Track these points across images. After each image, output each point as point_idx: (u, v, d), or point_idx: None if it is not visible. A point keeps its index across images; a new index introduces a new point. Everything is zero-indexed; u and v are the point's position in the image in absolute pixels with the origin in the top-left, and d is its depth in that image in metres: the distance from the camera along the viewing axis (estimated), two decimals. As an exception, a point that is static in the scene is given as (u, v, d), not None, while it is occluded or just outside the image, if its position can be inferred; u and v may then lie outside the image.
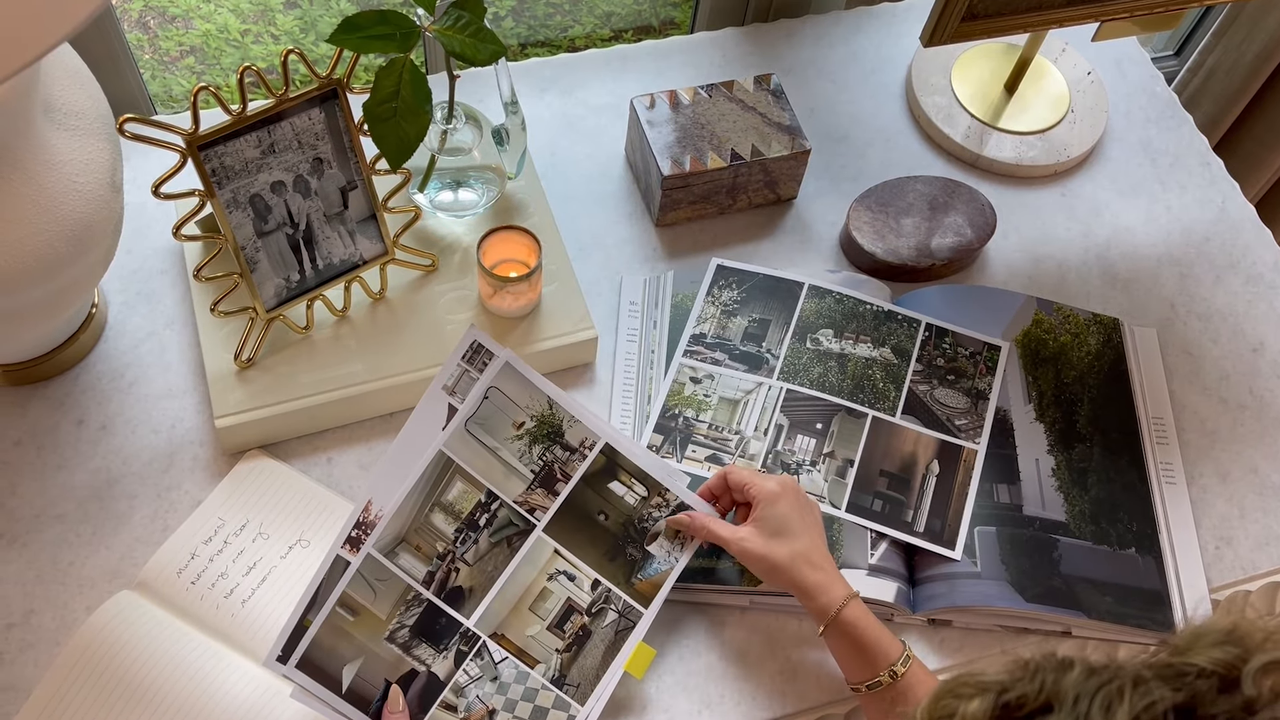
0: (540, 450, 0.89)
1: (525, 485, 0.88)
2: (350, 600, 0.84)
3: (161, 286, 1.03)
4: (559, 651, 0.86)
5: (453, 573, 0.86)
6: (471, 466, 0.87)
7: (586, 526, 0.89)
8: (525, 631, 0.86)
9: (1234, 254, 1.18)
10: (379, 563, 0.85)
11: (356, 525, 0.85)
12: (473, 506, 0.87)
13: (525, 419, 0.89)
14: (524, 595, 0.87)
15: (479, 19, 0.88)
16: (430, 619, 0.85)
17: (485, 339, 0.89)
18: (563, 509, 0.89)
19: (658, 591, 0.88)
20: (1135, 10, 1.10)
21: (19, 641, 0.87)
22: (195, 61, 1.62)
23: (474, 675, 0.85)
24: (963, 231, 1.12)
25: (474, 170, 1.03)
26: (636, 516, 0.90)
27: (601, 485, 0.90)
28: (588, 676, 0.86)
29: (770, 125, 1.10)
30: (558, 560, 0.88)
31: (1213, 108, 1.58)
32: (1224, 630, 0.48)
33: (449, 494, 0.87)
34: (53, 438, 0.95)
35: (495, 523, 0.87)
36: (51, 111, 0.81)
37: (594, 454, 0.90)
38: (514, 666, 0.85)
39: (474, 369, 0.88)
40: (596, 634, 0.87)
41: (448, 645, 0.85)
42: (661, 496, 0.90)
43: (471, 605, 0.86)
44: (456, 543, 0.86)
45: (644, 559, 0.89)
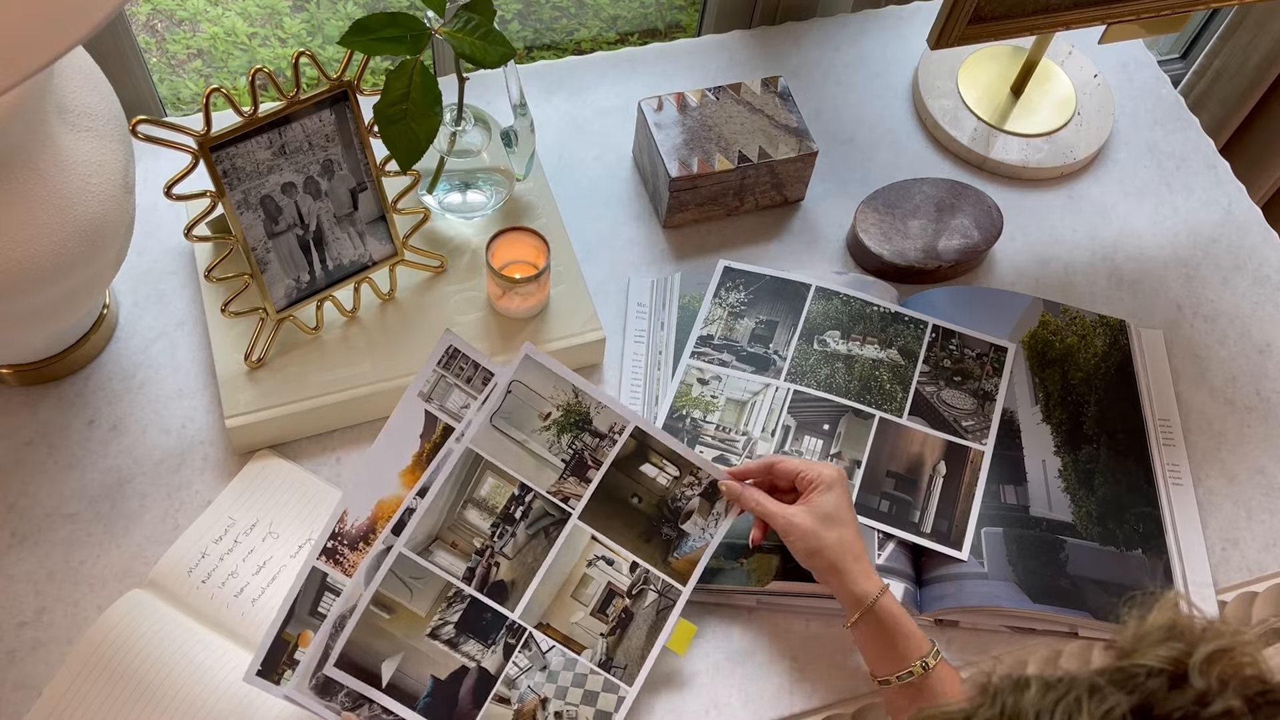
0: (569, 439, 0.89)
1: (557, 475, 0.89)
2: (385, 599, 0.84)
3: (172, 287, 1.04)
4: (604, 635, 0.87)
5: (493, 567, 0.86)
6: (501, 461, 0.88)
7: (621, 510, 0.90)
8: (570, 619, 0.87)
9: (1240, 256, 1.18)
10: (413, 561, 0.85)
11: (332, 537, 0.85)
12: (507, 500, 0.88)
13: (551, 409, 0.89)
14: (565, 583, 0.88)
15: (488, 21, 0.88)
16: (475, 615, 0.85)
17: (461, 343, 0.89)
18: (596, 495, 0.89)
19: (694, 568, 0.90)
20: (1142, 13, 1.10)
21: (30, 640, 0.88)
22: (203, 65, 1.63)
23: (524, 666, 0.85)
24: (969, 233, 1.12)
25: (483, 172, 1.04)
26: (669, 497, 0.91)
27: (633, 469, 0.90)
28: (633, 657, 0.87)
29: (777, 127, 1.10)
30: (595, 546, 0.89)
31: (1219, 110, 1.59)
32: (1164, 627, 0.49)
33: (481, 490, 0.87)
34: (64, 437, 0.96)
35: (531, 514, 0.88)
36: (65, 113, 0.81)
37: (624, 438, 0.90)
38: (561, 654, 0.86)
39: (450, 374, 0.88)
40: (639, 615, 0.88)
41: (495, 639, 0.85)
42: (694, 475, 0.91)
43: (515, 598, 0.86)
44: (494, 537, 0.87)
45: (679, 538, 0.90)
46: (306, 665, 0.83)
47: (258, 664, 0.83)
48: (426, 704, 0.83)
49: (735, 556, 0.93)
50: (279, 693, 0.82)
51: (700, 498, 0.91)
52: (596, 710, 0.86)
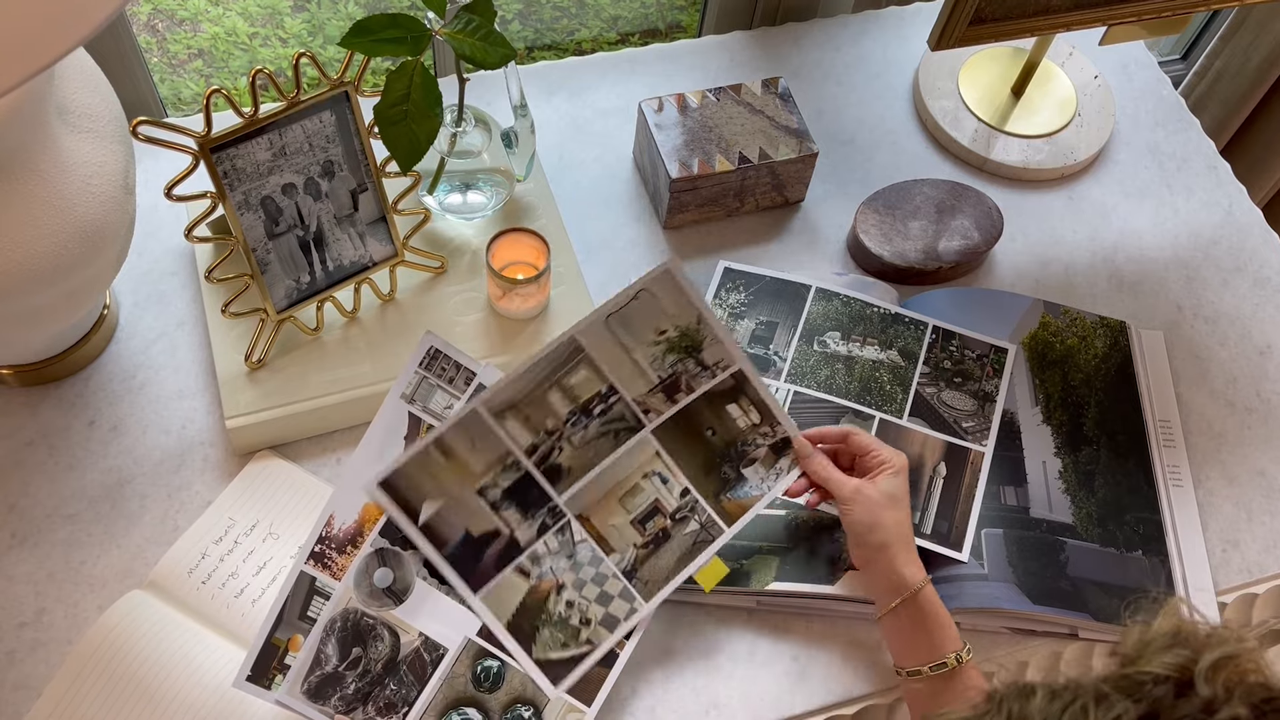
0: (674, 359, 0.89)
1: (648, 388, 0.89)
2: (447, 445, 0.84)
3: (173, 288, 1.04)
4: (636, 546, 0.88)
5: (556, 450, 0.86)
6: (600, 359, 0.87)
7: (692, 438, 0.90)
8: (609, 520, 0.88)
9: (1241, 257, 1.18)
10: (484, 422, 0.85)
11: (320, 540, 0.85)
12: (591, 395, 0.88)
13: (669, 328, 0.89)
14: (616, 486, 0.88)
15: (489, 22, 0.88)
16: (524, 487, 0.86)
17: (443, 344, 0.89)
18: (676, 417, 0.90)
19: (743, 513, 0.90)
20: (1142, 14, 1.10)
21: (30, 640, 0.88)
22: (204, 65, 1.63)
23: (552, 549, 0.86)
24: (970, 234, 1.12)
25: (483, 173, 1.04)
26: (741, 439, 0.91)
27: (720, 405, 0.91)
28: (658, 576, 0.88)
29: (778, 128, 1.10)
30: (656, 462, 0.89)
31: (1220, 111, 1.59)
32: (1169, 634, 0.49)
33: (572, 379, 0.87)
34: (64, 438, 0.96)
35: (609, 415, 0.88)
36: (65, 114, 0.81)
37: (724, 376, 0.90)
38: (591, 550, 0.87)
39: (432, 375, 0.89)
40: (675, 539, 0.88)
41: (535, 515, 0.86)
42: (770, 428, 0.91)
43: (565, 484, 0.87)
44: (566, 423, 0.87)
45: (736, 480, 0.90)
46: (298, 670, 0.83)
47: (247, 669, 0.83)
48: (453, 552, 0.84)
49: (735, 557, 0.93)
50: (270, 698, 0.83)
51: (769, 449, 0.91)
52: (607, 613, 0.86)
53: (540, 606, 0.86)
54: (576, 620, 0.86)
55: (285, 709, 0.83)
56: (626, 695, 0.89)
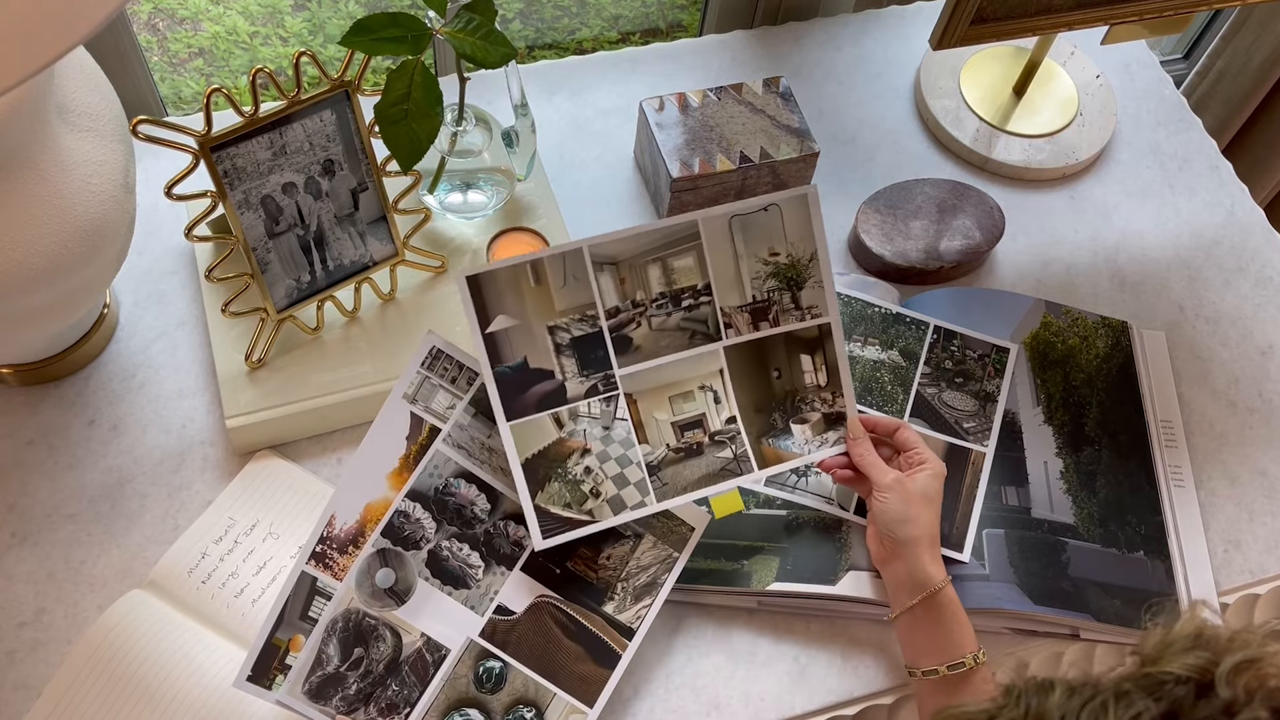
0: (772, 285, 0.90)
1: (740, 303, 0.90)
2: (541, 271, 0.85)
3: (173, 287, 1.04)
4: (669, 448, 0.89)
5: (634, 324, 0.87)
6: (710, 252, 0.88)
7: (758, 372, 0.90)
8: (654, 412, 0.88)
9: (1243, 257, 1.18)
10: (585, 264, 0.86)
11: (321, 540, 0.85)
12: (686, 286, 0.88)
13: (783, 253, 0.90)
14: (672, 384, 0.89)
15: (490, 21, 0.88)
16: (591, 344, 0.87)
17: (445, 344, 0.89)
18: (751, 344, 0.90)
19: (778, 463, 0.91)
20: (1144, 13, 1.10)
21: (30, 640, 0.87)
22: (204, 64, 1.62)
23: (593, 413, 0.87)
24: (971, 234, 1.12)
25: (484, 172, 1.03)
26: (801, 395, 0.91)
27: (796, 351, 0.91)
28: (677, 483, 0.88)
29: (779, 128, 1.10)
30: (716, 379, 0.90)
31: (1222, 111, 1.58)
32: (1191, 636, 0.49)
33: (677, 261, 0.88)
34: (64, 437, 0.96)
35: (694, 313, 0.89)
36: (65, 113, 0.81)
37: (812, 323, 0.91)
38: (627, 431, 0.88)
39: (434, 375, 0.88)
40: (706, 456, 0.89)
41: (590, 375, 0.87)
42: (833, 397, 0.92)
43: (629, 360, 0.88)
44: (653, 304, 0.88)
45: (783, 431, 0.91)
46: (299, 670, 0.83)
47: (248, 669, 0.82)
48: (504, 373, 0.85)
49: (736, 557, 0.93)
50: (270, 698, 0.82)
51: (822, 417, 0.92)
52: (618, 495, 0.87)
53: (561, 460, 0.86)
54: (588, 488, 0.86)
55: (286, 709, 0.83)
56: (628, 696, 0.89)
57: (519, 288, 0.86)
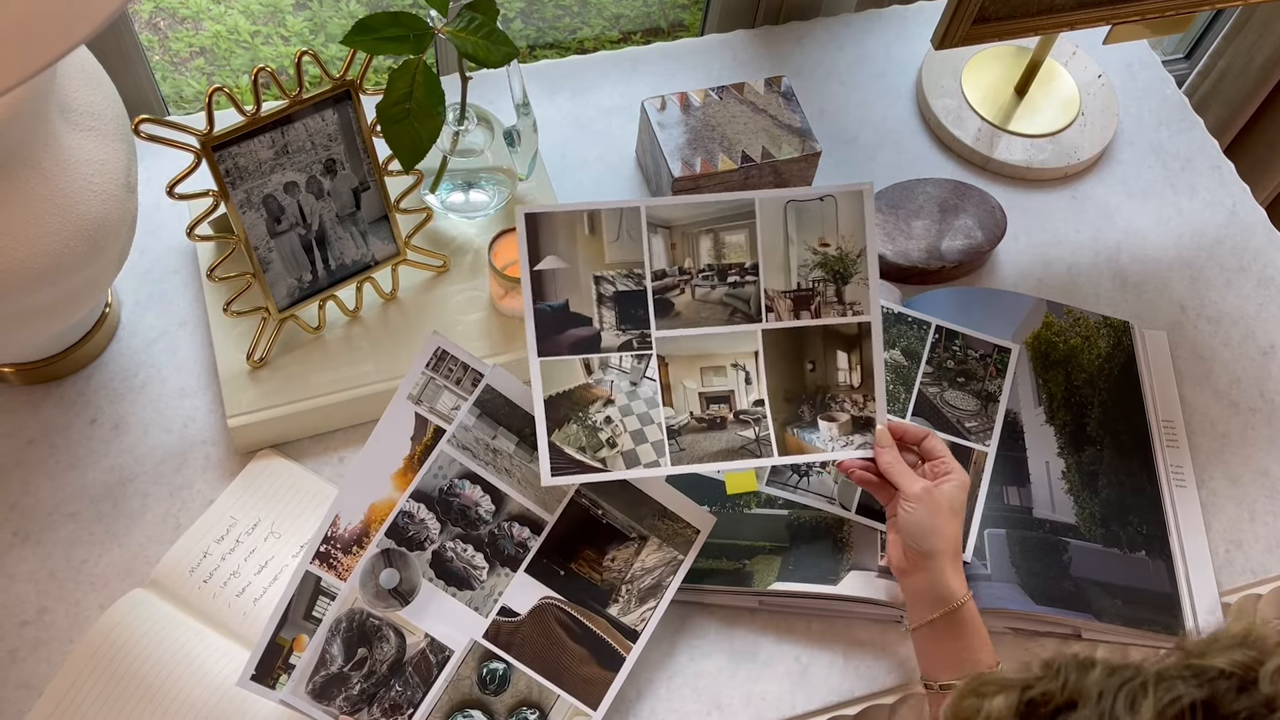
0: (818, 275, 0.91)
1: (784, 288, 0.90)
2: (596, 220, 0.87)
3: (174, 286, 1.04)
4: (693, 415, 0.89)
5: (678, 289, 0.89)
6: (762, 231, 0.89)
7: (792, 360, 0.91)
8: (683, 379, 0.89)
9: (1245, 257, 1.18)
10: (640, 223, 0.88)
11: (325, 540, 0.85)
12: (735, 262, 0.90)
13: (833, 244, 0.90)
14: (705, 356, 0.90)
15: (491, 21, 0.88)
16: (632, 301, 0.89)
17: (449, 344, 0.89)
18: (789, 331, 0.91)
19: (799, 453, 0.90)
20: (1146, 13, 1.10)
21: (32, 639, 0.87)
22: (205, 63, 1.62)
23: (623, 368, 0.88)
24: (973, 234, 1.12)
25: (485, 171, 1.03)
26: (832, 392, 0.91)
27: (832, 348, 0.91)
28: (695, 452, 0.88)
29: (780, 127, 1.10)
30: (750, 360, 0.90)
31: (1223, 111, 1.58)
32: (1238, 635, 0.49)
33: (729, 235, 0.89)
34: (66, 437, 0.96)
35: (737, 290, 0.89)
36: (68, 112, 0.81)
37: (852, 320, 0.91)
38: (654, 391, 0.89)
39: (439, 376, 0.88)
40: (727, 432, 0.89)
41: (626, 330, 0.89)
42: (863, 400, 0.91)
43: (667, 324, 0.89)
44: (699, 274, 0.89)
45: (809, 424, 0.91)
46: (303, 670, 0.83)
47: (251, 669, 0.83)
48: (544, 310, 0.88)
49: (738, 557, 0.93)
50: (274, 697, 0.82)
51: (850, 418, 0.91)
52: (634, 450, 0.87)
53: (583, 404, 0.87)
54: (605, 437, 0.87)
55: (289, 709, 0.83)
56: (630, 696, 0.89)
57: (573, 234, 0.88)
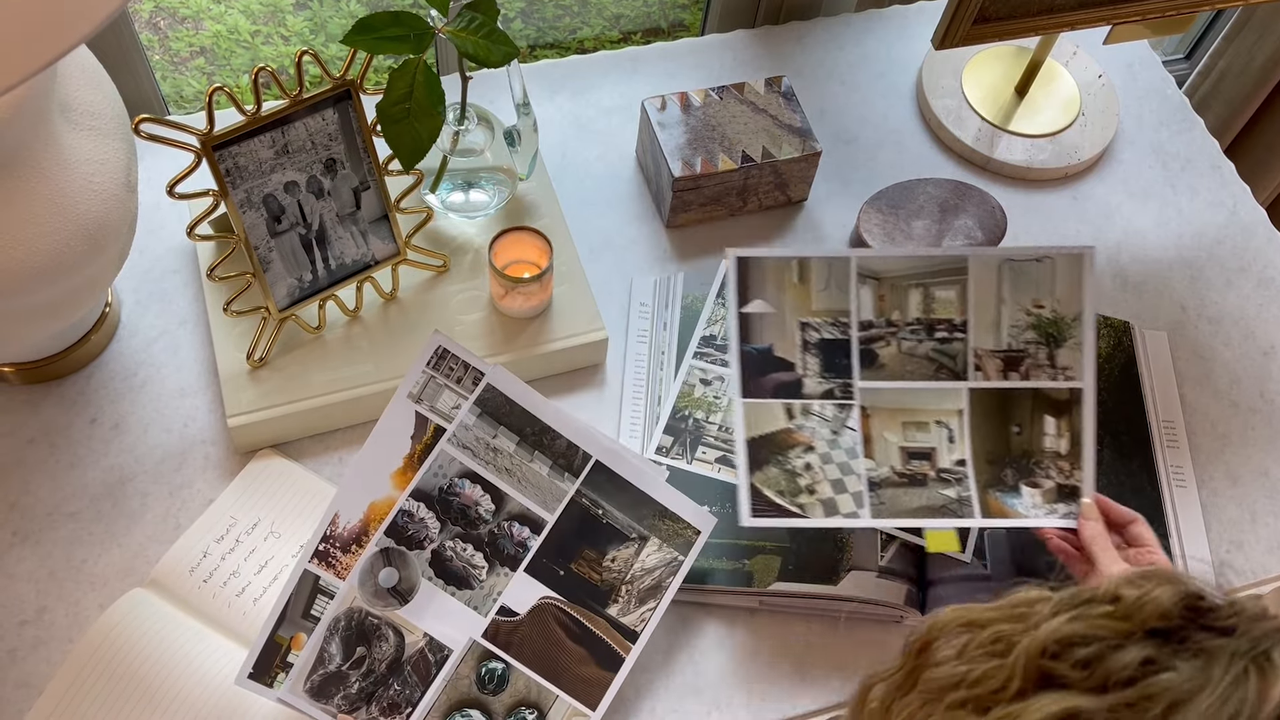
0: (1030, 337, 0.90)
1: (994, 348, 0.90)
2: (806, 268, 0.90)
3: (174, 286, 1.04)
4: (893, 470, 0.89)
5: (883, 342, 0.89)
6: (974, 290, 0.89)
7: (997, 422, 0.90)
8: (884, 432, 0.89)
9: (1245, 257, 1.18)
10: (849, 273, 0.90)
11: (324, 539, 0.85)
12: (943, 318, 0.89)
13: (1047, 306, 0.89)
14: (908, 411, 0.90)
15: (492, 21, 0.88)
16: (837, 350, 0.90)
17: (450, 343, 0.88)
18: (997, 392, 0.90)
19: (1001, 516, 0.89)
20: (1147, 13, 1.10)
21: (32, 638, 0.87)
22: (205, 62, 1.62)
23: (825, 415, 0.89)
24: (973, 234, 1.12)
25: (485, 171, 1.03)
26: (1037, 458, 0.90)
27: (1041, 410, 0.90)
28: (895, 506, 0.89)
29: (781, 127, 1.10)
30: (954, 418, 0.90)
31: (1224, 111, 1.58)
32: None
33: (939, 291, 0.89)
34: (66, 436, 0.96)
35: (945, 347, 0.89)
36: (68, 111, 0.81)
37: (1064, 385, 0.90)
38: (855, 442, 0.89)
39: (440, 375, 0.87)
40: (928, 489, 0.89)
41: (830, 379, 0.90)
42: (1070, 468, 0.89)
43: (871, 375, 0.90)
44: (907, 327, 0.89)
45: (1011, 489, 0.89)
46: (301, 668, 0.83)
47: (249, 667, 0.83)
48: (750, 352, 0.90)
49: (738, 557, 0.93)
50: (271, 695, 0.82)
51: (1055, 486, 0.89)
52: (833, 498, 0.88)
53: (784, 449, 0.88)
54: (804, 483, 0.88)
55: (287, 707, 0.83)
56: (629, 696, 0.89)
57: (781, 280, 0.90)
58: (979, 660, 0.52)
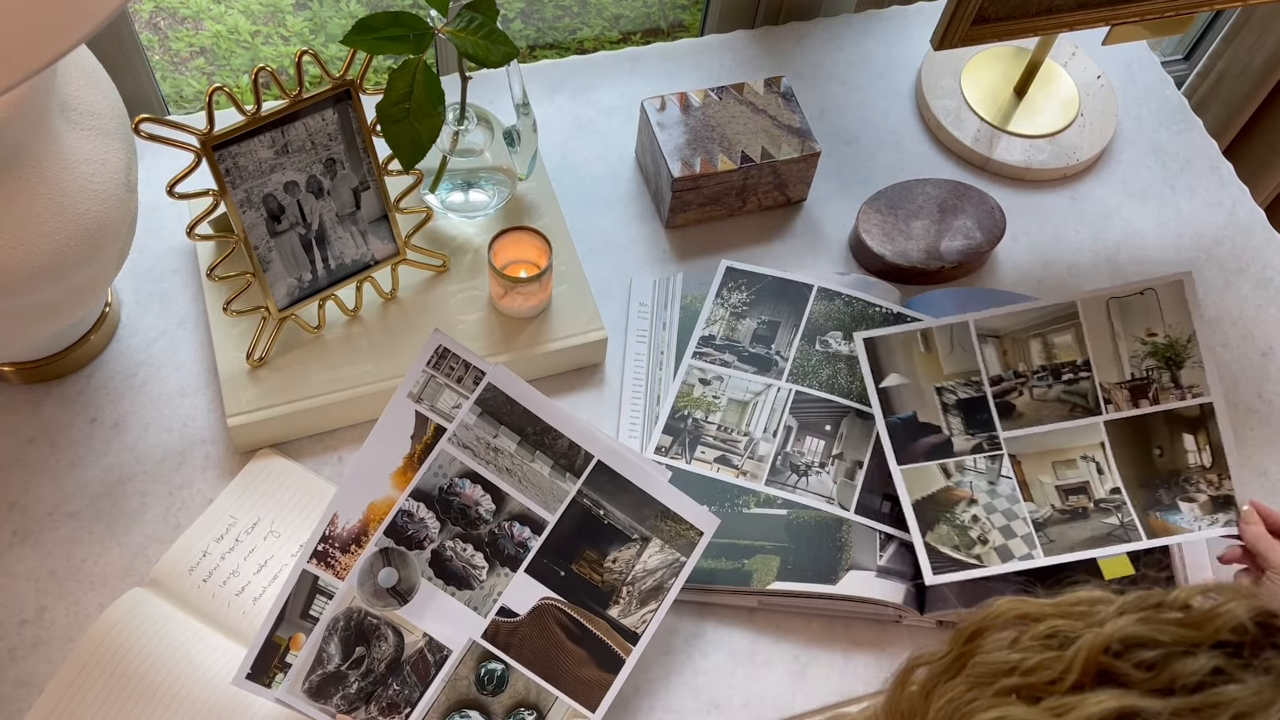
0: (1152, 364, 0.93)
1: (1119, 380, 0.94)
2: (930, 338, 0.95)
3: (174, 286, 1.04)
4: (1054, 508, 0.92)
5: (1016, 392, 0.92)
6: (1088, 331, 0.94)
7: (1139, 449, 0.93)
8: (1038, 475, 0.94)
9: (1244, 258, 1.18)
10: (969, 335, 0.96)
11: (323, 539, 0.85)
12: (1066, 361, 0.95)
13: (1160, 333, 0.93)
14: (1054, 451, 0.94)
15: (491, 21, 0.88)
16: (975, 406, 0.95)
17: (450, 342, 0.87)
18: (1131, 420, 0.94)
19: (1167, 534, 0.92)
20: (1145, 14, 1.10)
21: (32, 638, 0.88)
22: (205, 62, 1.62)
23: (979, 469, 0.93)
24: (972, 234, 1.12)
25: (485, 171, 1.03)
26: (1185, 475, 0.93)
27: (1178, 430, 0.94)
28: (1064, 542, 0.91)
29: (780, 128, 1.10)
30: (1098, 451, 0.93)
31: (1222, 112, 1.58)
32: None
33: (1057, 337, 0.94)
34: (66, 435, 0.96)
35: (1074, 386, 0.93)
36: (68, 111, 0.81)
37: (1192, 402, 0.94)
38: (1012, 488, 0.93)
39: (440, 374, 0.87)
40: (1091, 520, 0.92)
41: (975, 434, 0.94)
42: (1219, 478, 0.93)
43: (1012, 424, 0.95)
44: (1034, 375, 0.93)
45: (1170, 507, 0.92)
46: (300, 668, 0.83)
47: (247, 667, 0.82)
48: (896, 421, 0.94)
49: (737, 556, 0.93)
50: (270, 696, 0.82)
51: (1209, 497, 0.93)
52: (1004, 544, 0.90)
53: (948, 505, 0.92)
54: (975, 534, 0.91)
55: (285, 707, 0.83)
56: (628, 694, 0.89)
57: (910, 352, 0.96)
58: (1034, 651, 0.52)
